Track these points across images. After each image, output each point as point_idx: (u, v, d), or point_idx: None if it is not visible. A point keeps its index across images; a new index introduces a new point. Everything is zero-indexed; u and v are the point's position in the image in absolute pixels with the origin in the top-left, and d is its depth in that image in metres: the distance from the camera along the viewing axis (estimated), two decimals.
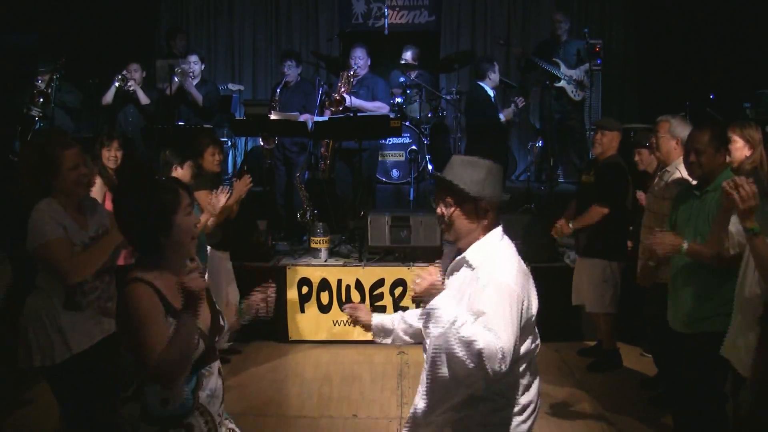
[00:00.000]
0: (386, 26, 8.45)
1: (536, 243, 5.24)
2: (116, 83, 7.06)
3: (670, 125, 4.26)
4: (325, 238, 5.95)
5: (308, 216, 6.44)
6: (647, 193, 4.59)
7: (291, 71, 6.95)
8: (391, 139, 7.56)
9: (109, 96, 7.14)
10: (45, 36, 7.38)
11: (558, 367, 5.23)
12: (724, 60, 7.47)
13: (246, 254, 5.69)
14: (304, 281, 5.73)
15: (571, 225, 5.04)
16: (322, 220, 6.23)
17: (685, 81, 7.58)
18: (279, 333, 5.69)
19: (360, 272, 5.74)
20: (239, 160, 8.50)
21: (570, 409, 4.49)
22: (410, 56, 7.75)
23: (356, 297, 5.67)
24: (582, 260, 5.19)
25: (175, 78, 7.05)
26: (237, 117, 8.34)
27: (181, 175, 4.26)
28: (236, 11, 9.57)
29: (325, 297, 5.72)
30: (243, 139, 8.68)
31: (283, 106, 6.79)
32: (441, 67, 8.70)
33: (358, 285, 5.71)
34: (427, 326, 2.29)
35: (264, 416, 4.44)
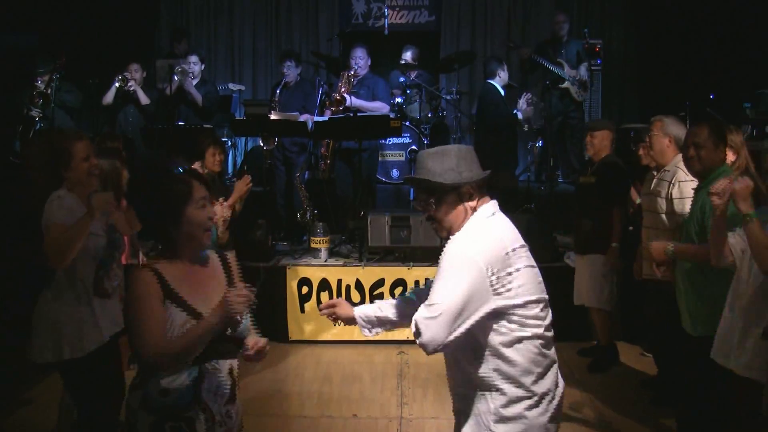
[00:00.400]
0: (386, 26, 8.44)
1: (536, 243, 5.20)
2: (116, 83, 7.08)
3: (663, 123, 4.27)
4: (325, 238, 5.95)
5: (308, 216, 6.45)
6: (642, 195, 4.59)
7: (290, 71, 6.96)
8: (391, 139, 7.56)
9: (110, 96, 7.16)
10: (45, 36, 7.38)
11: (558, 367, 5.21)
12: (724, 60, 7.47)
13: (246, 254, 5.69)
14: (304, 281, 5.74)
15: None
16: (322, 220, 6.23)
17: (685, 81, 7.57)
18: (279, 333, 5.68)
19: (360, 272, 5.74)
20: (239, 160, 8.50)
21: (570, 409, 4.48)
22: (410, 56, 7.76)
23: (356, 297, 5.67)
24: (582, 257, 5.19)
25: (175, 78, 7.05)
26: (237, 117, 8.34)
27: None
28: (236, 11, 9.56)
29: (325, 297, 5.71)
30: (243, 139, 8.69)
31: (283, 107, 6.80)
32: (441, 67, 8.69)
33: (358, 285, 5.71)
34: None
35: (264, 416, 4.44)
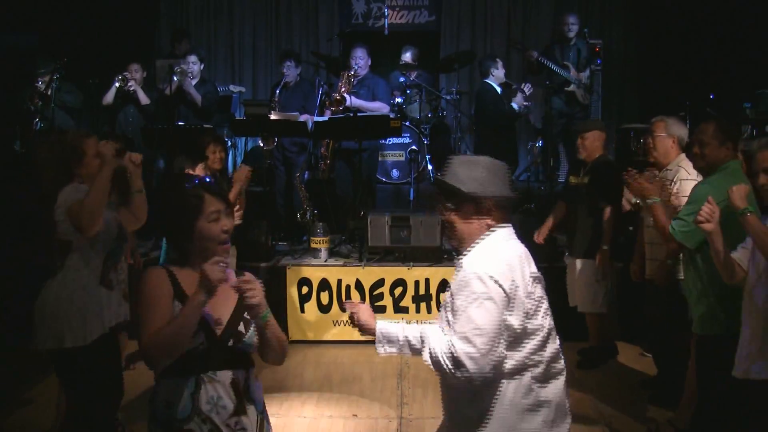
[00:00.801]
0: (386, 26, 8.45)
1: (536, 243, 5.25)
2: (116, 83, 7.07)
3: (666, 124, 4.25)
4: (325, 238, 5.95)
5: (308, 216, 6.44)
6: None
7: (290, 71, 6.96)
8: (391, 139, 7.56)
9: (110, 96, 7.16)
10: (45, 36, 7.39)
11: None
12: (724, 60, 7.48)
13: (246, 254, 5.69)
14: (304, 281, 5.74)
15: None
16: (322, 220, 6.23)
17: (685, 81, 7.57)
18: None
19: (360, 272, 5.74)
20: (239, 160, 8.50)
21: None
22: (410, 56, 7.76)
23: (356, 297, 5.67)
24: (575, 261, 5.10)
25: (175, 78, 7.05)
26: (237, 117, 8.34)
27: None
28: (236, 11, 9.56)
29: (325, 297, 5.72)
30: (243, 139, 8.69)
31: (282, 107, 6.80)
32: (441, 67, 8.69)
33: (358, 285, 5.71)
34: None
35: None
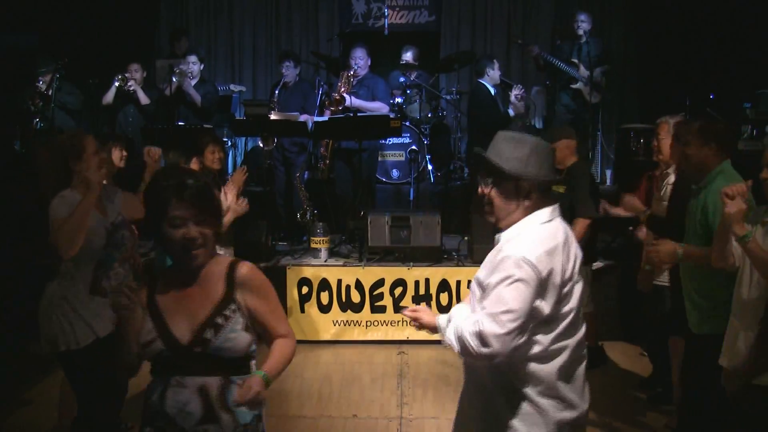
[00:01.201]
0: (386, 26, 8.45)
1: None
2: (116, 83, 7.08)
3: (669, 126, 4.23)
4: (325, 238, 5.96)
5: (308, 216, 6.45)
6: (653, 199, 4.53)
7: (289, 72, 6.96)
8: (391, 139, 7.55)
9: (110, 96, 7.17)
10: (45, 36, 7.39)
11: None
12: (724, 60, 7.47)
13: (246, 254, 5.68)
14: (304, 281, 5.74)
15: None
16: (322, 220, 6.23)
17: (685, 81, 7.57)
18: None
19: (360, 272, 5.74)
20: (239, 160, 8.50)
21: None
22: (410, 56, 7.75)
23: (356, 297, 5.67)
24: None
25: (174, 78, 7.05)
26: (237, 117, 8.34)
27: None
28: (236, 11, 9.55)
29: (325, 297, 5.72)
30: (243, 140, 8.69)
31: (282, 107, 6.79)
32: (441, 67, 8.68)
33: (358, 285, 5.71)
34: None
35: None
